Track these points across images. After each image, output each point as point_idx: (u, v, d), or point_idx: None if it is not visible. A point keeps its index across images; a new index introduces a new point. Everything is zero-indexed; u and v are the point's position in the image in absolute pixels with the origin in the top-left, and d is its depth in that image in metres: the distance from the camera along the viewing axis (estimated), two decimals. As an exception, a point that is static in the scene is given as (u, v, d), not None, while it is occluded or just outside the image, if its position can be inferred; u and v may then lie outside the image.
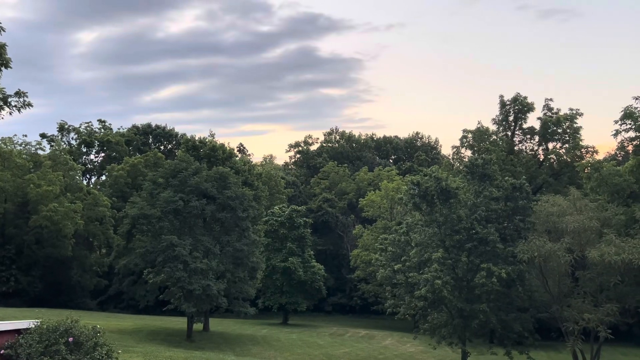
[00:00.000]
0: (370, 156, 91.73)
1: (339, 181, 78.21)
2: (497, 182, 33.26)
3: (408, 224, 35.62)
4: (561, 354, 36.24)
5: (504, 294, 31.47)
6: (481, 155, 39.13)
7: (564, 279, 30.77)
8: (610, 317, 28.51)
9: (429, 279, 30.79)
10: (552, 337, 33.92)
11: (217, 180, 41.92)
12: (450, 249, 32.18)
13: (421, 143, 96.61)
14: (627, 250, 27.35)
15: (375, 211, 62.95)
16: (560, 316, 30.08)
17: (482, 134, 53.24)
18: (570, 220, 29.77)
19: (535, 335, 32.28)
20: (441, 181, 32.24)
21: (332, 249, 72.38)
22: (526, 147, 53.51)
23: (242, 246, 41.47)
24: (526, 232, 31.47)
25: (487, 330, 33.05)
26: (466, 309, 31.02)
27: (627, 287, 29.55)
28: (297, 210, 58.73)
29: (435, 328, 32.50)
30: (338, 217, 72.95)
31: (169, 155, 69.37)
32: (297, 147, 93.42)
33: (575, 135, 50.53)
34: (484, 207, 32.23)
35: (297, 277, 55.90)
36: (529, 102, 52.14)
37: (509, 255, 31.04)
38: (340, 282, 69.62)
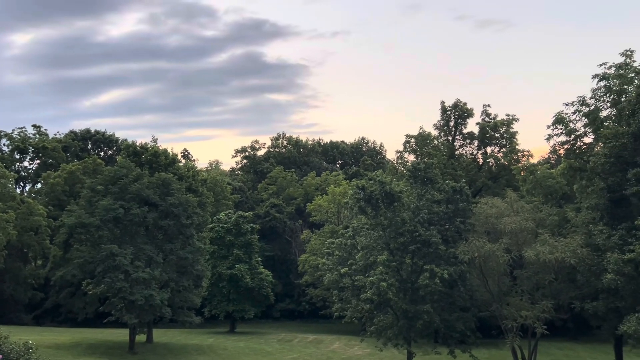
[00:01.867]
0: (317, 161, 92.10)
1: (286, 186, 78.02)
2: (438, 186, 34.14)
3: (354, 228, 35.95)
4: (502, 350, 37.50)
5: (446, 294, 32.29)
6: (423, 160, 40.17)
7: (503, 278, 31.94)
8: (546, 313, 29.81)
9: (374, 282, 31.16)
10: (492, 334, 35.03)
11: (160, 187, 40.94)
12: (394, 251, 32.72)
13: (367, 148, 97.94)
14: (560, 249, 28.71)
15: (322, 216, 63.19)
16: (500, 314, 31.16)
17: (425, 139, 54.57)
18: (507, 221, 30.96)
19: (476, 333, 33.29)
20: (385, 185, 32.77)
21: (280, 254, 72.02)
22: (466, 151, 55.31)
23: (186, 254, 40.63)
24: (467, 233, 32.46)
25: (431, 331, 33.78)
26: (411, 310, 31.60)
27: (561, 284, 31.02)
28: (243, 216, 58.13)
29: (381, 330, 32.91)
30: (286, 222, 72.71)
31: (109, 161, 66.93)
32: (244, 152, 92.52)
33: (511, 139, 52.67)
34: (427, 210, 33.01)
35: (244, 284, 55.27)
36: (468, 108, 53.94)
37: (451, 257, 31.90)
38: (289, 287, 69.35)
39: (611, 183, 28.09)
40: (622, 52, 31.26)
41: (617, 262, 25.43)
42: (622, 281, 25.62)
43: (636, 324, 24.80)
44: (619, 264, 25.34)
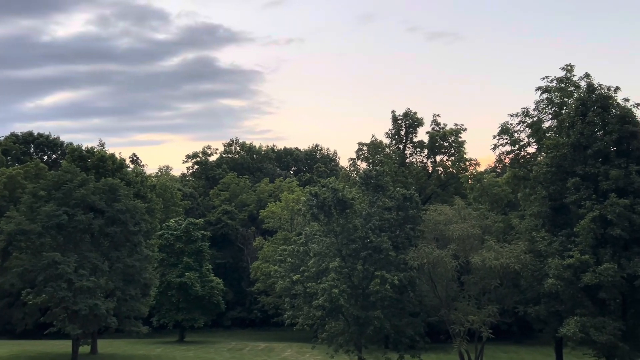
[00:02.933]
0: (271, 167, 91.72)
1: (239, 193, 77.22)
2: (389, 193, 34.68)
3: (307, 235, 35.98)
4: (450, 355, 38.32)
5: (396, 300, 32.73)
6: (375, 168, 40.68)
7: (450, 283, 32.69)
8: (492, 317, 30.70)
9: (326, 288, 31.26)
10: (441, 339, 35.80)
11: (106, 193, 39.70)
12: (346, 257, 32.95)
13: (320, 155, 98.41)
14: (504, 255, 29.68)
15: (275, 222, 62.87)
16: (448, 319, 31.86)
17: (376, 147, 55.40)
18: (455, 228, 31.77)
19: (425, 338, 33.89)
20: (338, 192, 33.00)
21: (231, 262, 71.09)
22: (416, 159, 56.49)
23: (133, 262, 39.53)
24: (416, 239, 33.09)
25: (382, 336, 34.14)
26: (362, 316, 31.85)
27: (506, 289, 32.04)
28: (194, 223, 57.12)
29: (333, 336, 33.02)
30: (238, 229, 71.90)
31: (52, 166, 64.21)
32: (195, 157, 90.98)
33: (459, 148, 54.21)
34: (378, 216, 33.45)
35: (194, 292, 54.23)
36: (418, 118, 55.17)
37: (401, 263, 32.41)
38: (240, 295, 68.51)
39: (552, 191, 29.34)
40: (563, 67, 32.94)
41: (557, 267, 26.51)
42: (562, 286, 26.71)
43: (575, 326, 25.90)
44: (559, 269, 26.43)
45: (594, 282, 25.47)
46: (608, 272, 25.18)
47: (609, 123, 27.55)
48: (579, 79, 31.99)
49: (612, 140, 27.20)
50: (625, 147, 27.29)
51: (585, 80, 30.73)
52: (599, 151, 27.36)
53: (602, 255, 26.04)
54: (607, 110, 28.03)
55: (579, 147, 28.18)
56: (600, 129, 27.98)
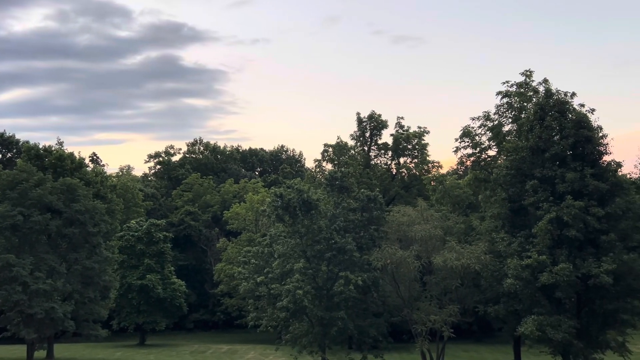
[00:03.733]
0: (235, 168, 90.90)
1: (203, 193, 76.23)
2: (354, 194, 34.88)
3: (271, 236, 35.81)
4: (412, 354, 38.79)
5: (360, 301, 32.92)
6: (340, 169, 40.88)
7: (413, 284, 33.11)
8: (453, 317, 31.22)
9: (290, 290, 31.18)
10: (403, 339, 36.18)
11: (64, 193, 38.60)
12: (311, 258, 32.95)
13: (286, 156, 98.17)
14: (465, 255, 30.25)
15: (240, 224, 62.37)
16: (410, 319, 32.24)
17: (342, 149, 55.68)
18: (418, 229, 32.20)
19: (388, 338, 34.19)
20: (303, 193, 32.97)
21: (194, 263, 70.11)
22: (381, 161, 57.06)
23: (92, 264, 38.56)
24: (380, 240, 33.37)
25: (346, 337, 34.29)
26: (326, 317, 31.90)
27: (467, 289, 32.66)
28: (156, 224, 56.11)
29: (297, 338, 32.95)
30: (201, 230, 70.97)
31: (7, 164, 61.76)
32: (158, 157, 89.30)
33: (422, 151, 55.04)
34: (343, 217, 33.60)
35: (155, 294, 53.26)
36: (383, 120, 55.74)
37: (365, 263, 32.62)
38: (203, 297, 67.64)
39: (512, 193, 30.10)
40: (523, 72, 33.85)
41: (516, 267, 27.19)
42: (521, 285, 27.41)
43: (532, 325, 26.63)
44: (518, 270, 27.11)
45: (550, 282, 26.24)
46: (564, 272, 25.98)
47: (565, 127, 28.47)
48: (537, 84, 32.96)
49: (568, 144, 28.11)
50: (580, 151, 28.24)
51: (544, 86, 31.67)
52: (556, 155, 28.21)
53: (558, 256, 26.86)
54: (564, 115, 28.96)
55: (537, 150, 29.00)
56: (558, 133, 28.87)
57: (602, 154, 28.51)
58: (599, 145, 28.40)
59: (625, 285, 27.09)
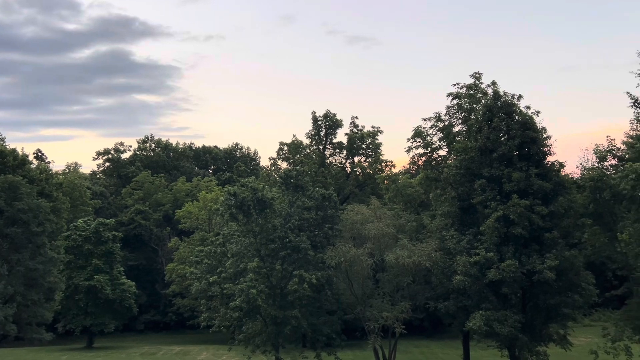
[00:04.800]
0: (188, 166, 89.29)
1: (154, 192, 74.49)
2: (309, 193, 34.94)
3: (225, 235, 35.41)
4: (365, 351, 39.26)
5: (314, 299, 33.04)
6: (295, 168, 40.81)
7: (366, 281, 33.51)
8: (405, 314, 31.80)
9: (244, 289, 30.95)
10: (356, 336, 36.57)
11: (6, 191, 36.88)
12: (265, 257, 32.80)
13: (241, 154, 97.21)
14: (417, 253, 30.87)
15: (192, 223, 61.36)
16: (363, 316, 32.63)
17: (297, 147, 55.70)
18: (371, 227, 32.62)
19: (342, 336, 34.46)
20: (257, 192, 32.76)
21: (145, 263, 68.45)
22: (336, 160, 57.43)
23: (36, 265, 37.02)
24: (334, 239, 33.59)
25: (299, 335, 34.33)
26: (279, 316, 31.84)
27: (418, 286, 33.34)
28: (104, 223, 54.47)
29: (250, 337, 32.75)
30: (152, 229, 69.35)
31: (-57, 160, 58.43)
32: (107, 154, 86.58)
33: (376, 150, 55.77)
34: (297, 216, 33.60)
35: (104, 296, 51.73)
36: (338, 119, 56.13)
37: (319, 262, 32.75)
38: (154, 298, 66.17)
39: (461, 192, 30.94)
40: (472, 74, 34.76)
41: (465, 264, 27.97)
42: (469, 282, 28.21)
43: (480, 320, 27.48)
44: (467, 266, 27.90)
45: (497, 278, 27.14)
46: (510, 269, 26.94)
47: (512, 129, 29.50)
48: (486, 86, 33.90)
49: (515, 145, 29.14)
50: (526, 152, 29.32)
51: (492, 88, 32.63)
52: (503, 155, 29.19)
53: (505, 253, 27.82)
54: (510, 116, 29.99)
55: (485, 150, 29.92)
56: (505, 134, 29.86)
57: (546, 154, 29.71)
58: (543, 146, 29.58)
59: (566, 280, 28.37)
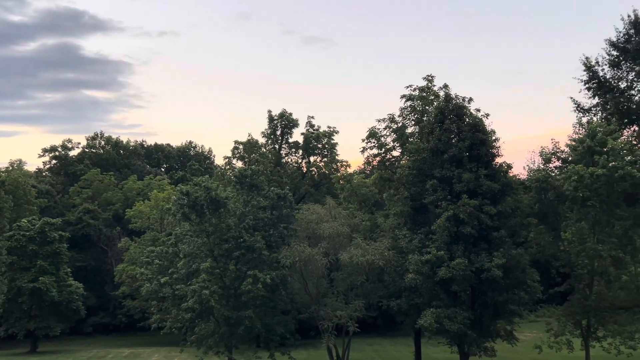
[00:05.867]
0: (140, 164, 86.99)
1: (103, 190, 72.22)
2: (264, 192, 34.77)
3: (177, 235, 34.78)
4: (319, 350, 39.45)
5: (268, 299, 32.92)
6: (250, 167, 40.54)
7: (321, 280, 33.65)
8: (358, 312, 32.13)
9: (196, 290, 30.49)
10: (311, 335, 36.69)
11: (-58, 189, 34.77)
12: (219, 258, 32.41)
13: (194, 152, 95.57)
14: (370, 252, 31.24)
15: (144, 222, 59.85)
16: (317, 315, 32.74)
17: (253, 146, 55.29)
18: (326, 226, 32.77)
19: (296, 335, 34.48)
20: (211, 191, 32.33)
21: (93, 264, 66.26)
22: (292, 159, 57.32)
23: (-25, 267, 35.07)
24: (289, 238, 33.56)
25: (253, 336, 34.11)
26: (233, 317, 31.55)
27: (371, 284, 33.74)
28: (50, 223, 52.42)
29: (202, 339, 32.33)
30: (101, 229, 67.22)
31: None
32: (54, 151, 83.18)
33: (332, 150, 56.03)
34: (252, 216, 33.37)
35: (49, 298, 49.78)
36: (294, 119, 56.05)
37: (274, 261, 32.65)
38: (103, 300, 64.16)
39: (413, 192, 31.55)
40: (425, 77, 35.51)
41: (416, 263, 28.54)
42: (421, 280, 28.79)
43: (431, 317, 28.09)
44: (418, 265, 28.46)
45: (447, 276, 27.83)
46: (460, 267, 27.68)
47: (462, 131, 30.31)
48: (438, 88, 34.72)
49: (465, 146, 29.95)
50: (476, 153, 30.18)
51: (444, 91, 33.45)
52: (454, 156, 29.95)
53: (455, 251, 28.55)
54: (461, 119, 30.82)
55: (437, 152, 30.62)
56: (456, 136, 30.65)
57: (494, 156, 30.69)
58: (492, 147, 30.54)
59: (513, 278, 29.38)
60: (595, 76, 36.37)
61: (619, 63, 35.71)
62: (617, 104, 34.86)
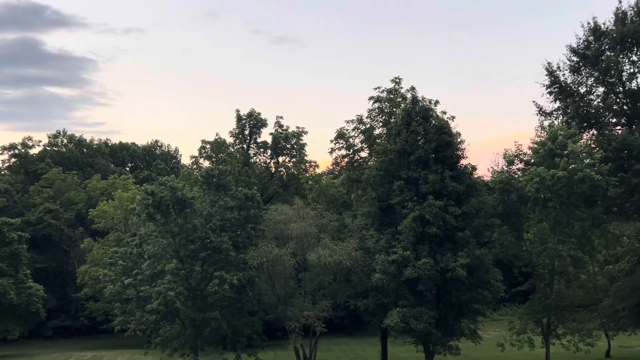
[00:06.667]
0: (104, 163, 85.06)
1: (65, 190, 70.30)
2: (232, 193, 34.48)
3: (141, 236, 34.17)
4: (286, 351, 39.36)
5: (235, 300, 32.66)
6: (217, 167, 40.15)
7: (289, 281, 33.61)
8: (325, 312, 32.21)
9: (161, 291, 30.03)
10: (278, 336, 36.59)
11: None
12: (184, 259, 31.99)
13: (160, 151, 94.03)
14: (338, 252, 31.36)
15: (107, 223, 58.58)
16: (285, 316, 32.69)
17: (220, 146, 54.72)
18: (294, 227, 32.73)
19: (263, 336, 34.35)
20: (177, 191, 31.88)
21: (55, 265, 64.45)
22: (260, 159, 56.98)
23: None
24: (257, 239, 33.38)
25: (219, 337, 33.80)
26: (199, 318, 31.19)
27: (339, 284, 33.88)
28: (9, 223, 50.58)
29: (167, 341, 31.86)
30: (63, 230, 65.43)
31: None
32: (13, 149, 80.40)
33: (301, 150, 55.95)
34: (219, 216, 33.05)
35: (7, 300, 47.99)
36: (262, 118, 55.73)
37: (241, 262, 32.41)
38: (65, 302, 62.48)
39: (381, 193, 31.81)
40: (393, 79, 35.84)
41: (383, 263, 28.77)
42: (387, 280, 29.05)
43: (397, 317, 28.37)
44: (385, 265, 28.70)
45: (413, 276, 28.16)
46: (425, 266, 28.04)
47: (429, 133, 30.73)
48: (406, 91, 35.05)
49: (431, 148, 30.37)
50: (441, 155, 30.63)
51: (411, 93, 33.82)
52: (420, 157, 30.33)
53: (420, 251, 28.91)
54: (427, 121, 31.23)
55: (404, 153, 30.95)
56: (422, 137, 31.03)
57: (459, 157, 31.22)
58: (457, 149, 31.06)
59: (477, 277, 29.95)
60: (556, 81, 37.38)
61: (579, 69, 36.78)
62: (577, 108, 35.89)
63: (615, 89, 36.02)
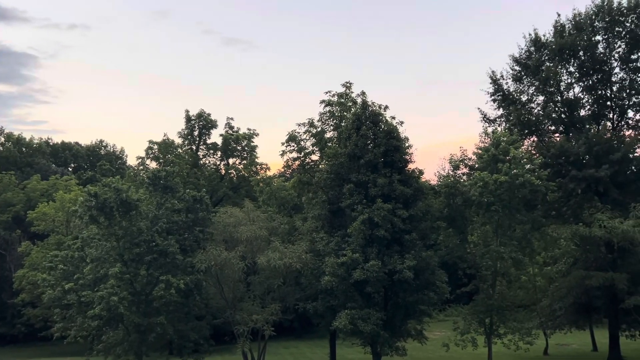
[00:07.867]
0: (44, 163, 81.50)
1: (2, 191, 66.88)
2: (179, 195, 33.78)
3: (83, 239, 32.94)
4: (234, 355, 38.81)
5: (182, 305, 32.00)
6: (164, 168, 39.21)
7: (238, 284, 33.22)
8: (274, 315, 32.05)
9: (104, 296, 29.02)
10: (225, 340, 36.06)
11: None
12: (129, 262, 31.07)
13: (105, 152, 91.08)
14: (288, 255, 31.29)
15: (48, 225, 56.06)
16: (233, 320, 32.28)
17: (168, 147, 53.59)
18: (244, 230, 32.41)
19: (210, 341, 33.78)
20: (121, 192, 30.93)
21: (-11, 270, 61.12)
22: (210, 161, 56.26)
23: None
24: (205, 242, 32.82)
25: (165, 343, 33.00)
26: (144, 324, 30.35)
27: (288, 287, 33.80)
28: (-62, 225, 47.62)
29: (110, 347, 30.83)
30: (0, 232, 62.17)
31: None
32: (-55, 148, 76.08)
33: (252, 152, 55.63)
34: (166, 219, 32.31)
35: None
36: (212, 119, 55.05)
37: (188, 266, 31.78)
38: (0, 308, 59.32)
39: (331, 196, 32.00)
40: (343, 84, 36.21)
41: (332, 265, 28.94)
42: (336, 282, 29.23)
43: (345, 319, 28.58)
44: (334, 267, 28.89)
45: (362, 278, 28.46)
46: (373, 269, 28.40)
47: (378, 137, 31.18)
48: (356, 95, 35.50)
49: (380, 152, 30.82)
50: (390, 159, 31.14)
51: (361, 98, 34.27)
52: (370, 161, 30.73)
53: (369, 254, 29.26)
54: (377, 125, 31.69)
55: (354, 157, 31.27)
56: (372, 142, 31.45)
57: (407, 162, 31.84)
58: (405, 154, 31.66)
59: (423, 279, 30.59)
60: (500, 89, 38.82)
61: (521, 78, 38.34)
62: (519, 115, 37.38)
63: (554, 98, 37.76)
